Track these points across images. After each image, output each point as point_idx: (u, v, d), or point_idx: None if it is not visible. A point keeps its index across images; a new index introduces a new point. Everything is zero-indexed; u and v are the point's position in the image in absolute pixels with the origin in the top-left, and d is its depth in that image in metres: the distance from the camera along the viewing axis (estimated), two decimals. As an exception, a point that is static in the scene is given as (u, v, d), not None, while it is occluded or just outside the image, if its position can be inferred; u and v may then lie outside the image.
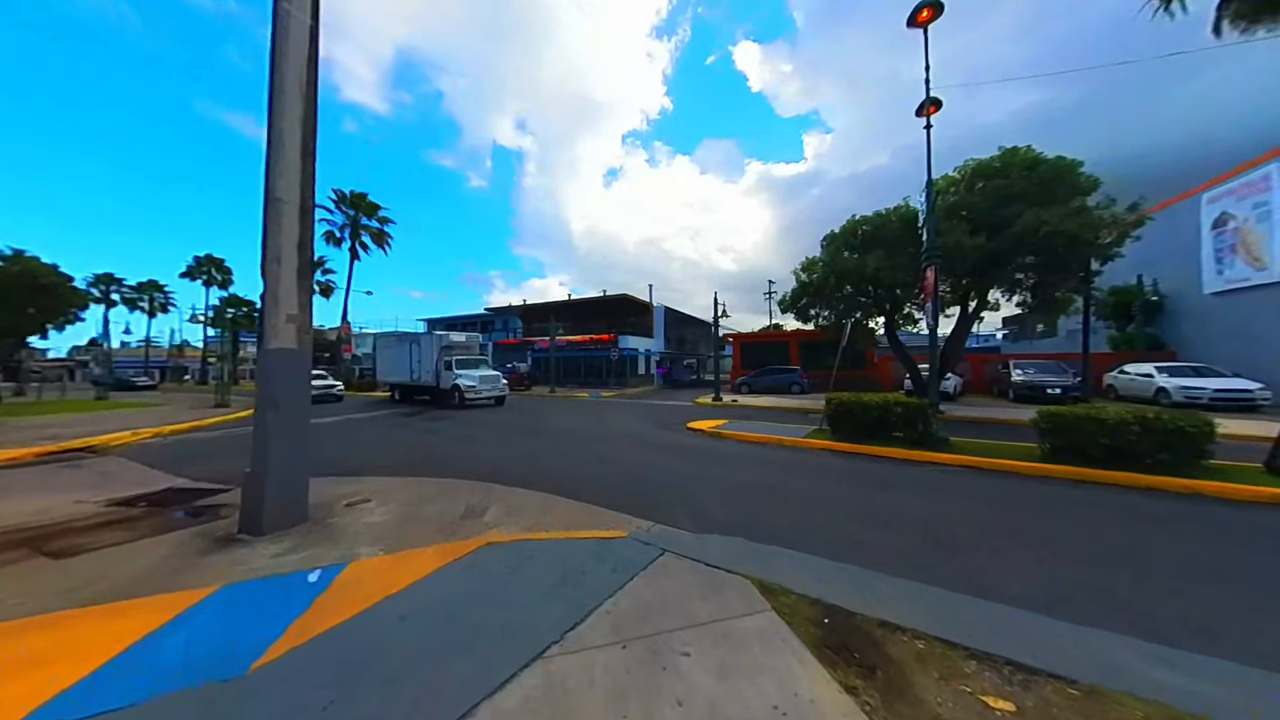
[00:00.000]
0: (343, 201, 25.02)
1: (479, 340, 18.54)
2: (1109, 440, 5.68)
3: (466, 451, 8.04)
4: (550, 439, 9.32)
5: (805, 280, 14.68)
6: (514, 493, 5.19)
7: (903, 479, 5.85)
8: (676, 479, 5.92)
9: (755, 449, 8.06)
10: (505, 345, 34.83)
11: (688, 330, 39.04)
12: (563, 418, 13.15)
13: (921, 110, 8.86)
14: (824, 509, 4.66)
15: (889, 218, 12.17)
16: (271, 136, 4.17)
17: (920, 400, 7.38)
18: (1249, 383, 12.20)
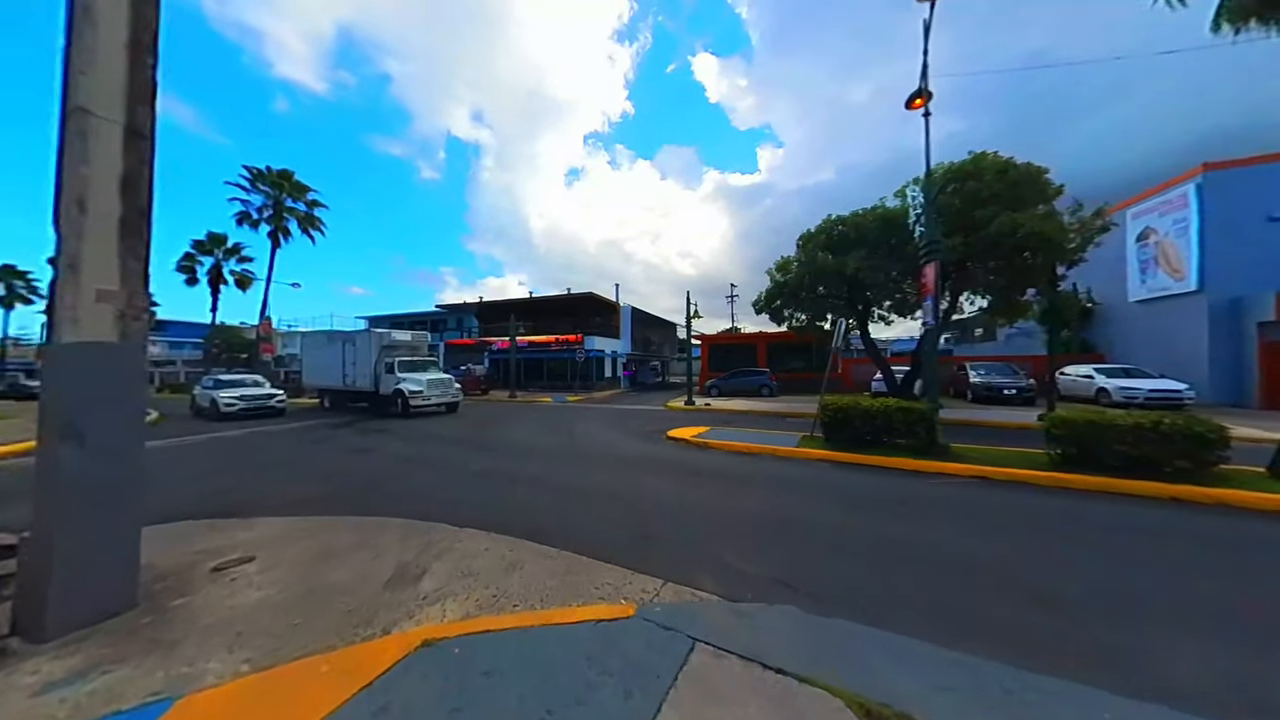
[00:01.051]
0: (261, 179, 21.64)
1: (427, 340, 16.51)
2: (1126, 448, 5.34)
3: (406, 475, 6.53)
4: (512, 455, 7.97)
5: (780, 280, 14.30)
6: (466, 538, 3.92)
7: (926, 499, 5.20)
8: (673, 507, 4.88)
9: (749, 463, 7.21)
10: (459, 346, 32.25)
11: (653, 332, 38.32)
12: (526, 427, 11.72)
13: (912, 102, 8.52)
14: (867, 550, 3.81)
15: (867, 218, 11.95)
16: (74, 8, 2.67)
17: (924, 405, 6.89)
18: (1177, 383, 13.19)
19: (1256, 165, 13.56)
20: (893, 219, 11.55)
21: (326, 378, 16.22)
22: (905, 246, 11.39)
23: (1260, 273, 13.16)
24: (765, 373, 20.95)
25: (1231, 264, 13.63)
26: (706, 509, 4.81)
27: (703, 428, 10.45)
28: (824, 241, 12.87)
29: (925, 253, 7.19)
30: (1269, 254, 13.16)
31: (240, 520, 4.52)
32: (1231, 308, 13.70)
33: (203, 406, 14.29)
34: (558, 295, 30.16)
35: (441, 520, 4.40)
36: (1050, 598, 2.89)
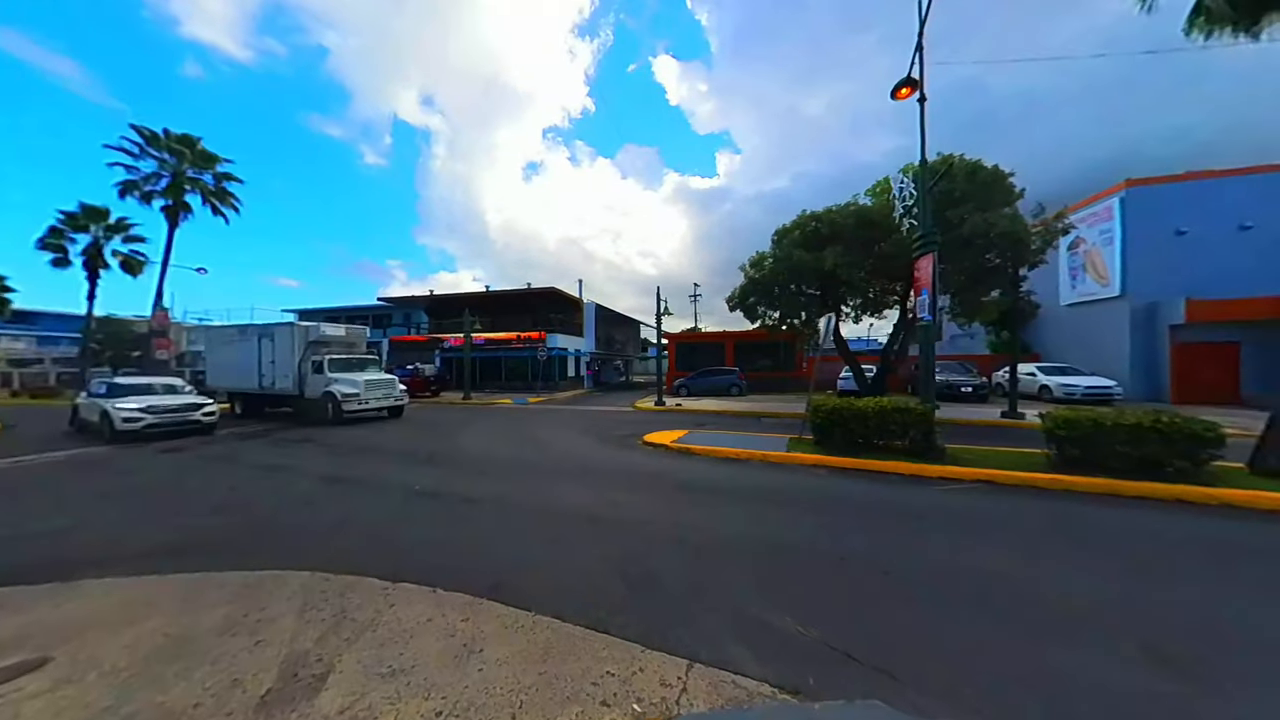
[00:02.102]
0: (154, 143, 18.05)
1: (366, 336, 14.45)
2: (1128, 449, 5.17)
3: (327, 502, 5.17)
4: (467, 470, 6.74)
5: (754, 276, 13.92)
6: (400, 600, 2.82)
7: (947, 510, 4.73)
8: (669, 535, 4.01)
9: (741, 472, 6.51)
10: (406, 343, 29.46)
11: (617, 330, 37.34)
12: (483, 434, 10.37)
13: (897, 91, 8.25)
14: (923, 587, 3.13)
15: (843, 213, 11.77)
16: None
17: (922, 406, 6.53)
18: (1108, 380, 14.30)
19: (1170, 184, 15.01)
20: (868, 216, 11.43)
21: (238, 379, 13.76)
22: (879, 244, 11.31)
23: (1172, 280, 14.57)
24: (735, 372, 20.69)
25: (1149, 272, 14.99)
26: (710, 535, 3.98)
27: (680, 431, 9.69)
28: (799, 238, 12.59)
29: (920, 245, 6.86)
30: (1179, 264, 14.59)
31: (56, 585, 3.11)
32: (1148, 311, 15.07)
33: (88, 421, 10.22)
34: (517, 290, 28.35)
35: (368, 569, 3.25)
36: (1180, 662, 2.32)
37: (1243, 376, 14.23)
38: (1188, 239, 14.58)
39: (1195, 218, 14.58)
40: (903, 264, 11.47)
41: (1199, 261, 14.41)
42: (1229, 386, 14.23)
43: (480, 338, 25.17)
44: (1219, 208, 14.42)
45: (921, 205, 7.14)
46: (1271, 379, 13.88)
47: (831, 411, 7.01)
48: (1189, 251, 14.52)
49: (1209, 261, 14.35)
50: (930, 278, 6.62)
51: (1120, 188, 15.32)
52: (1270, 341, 13.86)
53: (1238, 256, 14.15)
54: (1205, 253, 14.39)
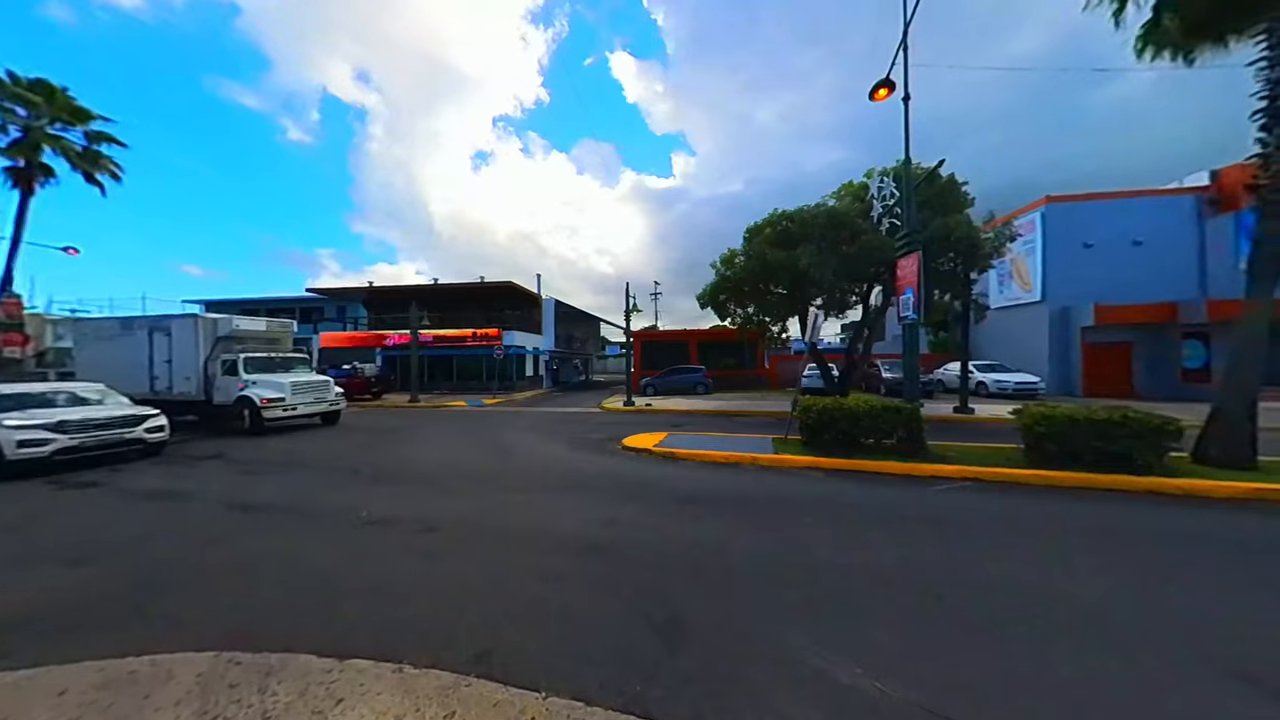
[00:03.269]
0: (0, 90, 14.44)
1: (293, 331, 12.45)
2: (1101, 443, 5.40)
3: (235, 543, 4.06)
4: (420, 486, 5.76)
5: (725, 274, 13.79)
6: (347, 687, 2.04)
7: (958, 511, 4.66)
8: (682, 558, 3.47)
9: (735, 478, 6.13)
10: (343, 339, 26.42)
11: (577, 328, 36.24)
12: (438, 442, 9.21)
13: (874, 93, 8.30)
14: (997, 615, 2.83)
15: (815, 213, 11.88)
16: None
17: (911, 405, 6.53)
18: (1033, 376, 15.85)
19: (1080, 201, 16.91)
20: (838, 217, 11.61)
21: (120, 382, 11.26)
22: (847, 245, 11.54)
23: (1082, 287, 16.43)
24: (701, 370, 20.63)
25: (1063, 279, 16.81)
26: (728, 558, 3.49)
27: (659, 434, 9.19)
28: (771, 236, 12.57)
29: (905, 244, 6.87)
30: (1087, 273, 16.49)
31: None
32: (1063, 315, 16.90)
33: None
34: (469, 284, 26.43)
35: (302, 640, 2.40)
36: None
37: (1135, 372, 16.39)
38: (1094, 251, 16.51)
39: (1099, 233, 16.54)
40: (869, 265, 11.83)
41: (1102, 271, 16.36)
42: (1125, 380, 16.32)
43: (428, 335, 23.13)
44: (1117, 225, 16.46)
45: (906, 204, 7.19)
46: (1156, 374, 16.10)
47: (823, 411, 6.84)
48: (1095, 262, 16.45)
49: (1110, 272, 16.33)
50: (916, 276, 6.64)
51: (1041, 203, 17.03)
52: (1156, 342, 16.06)
53: (1132, 268, 16.23)
54: (1107, 264, 16.36)
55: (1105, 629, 2.52)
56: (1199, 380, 15.50)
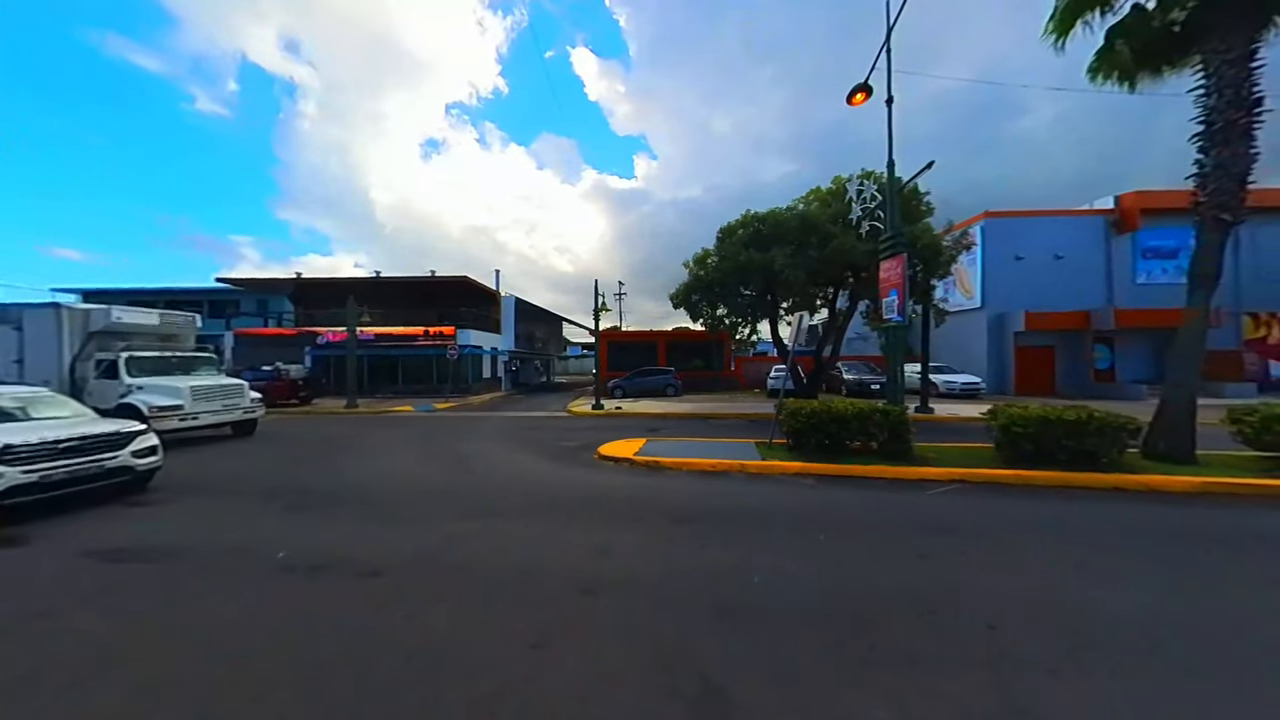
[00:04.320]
0: None
1: (195, 326, 10.51)
2: (1072, 443, 5.59)
3: (59, 617, 3.02)
4: (363, 517, 4.82)
5: (699, 274, 13.57)
6: None
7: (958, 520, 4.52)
8: (708, 609, 2.94)
9: (727, 489, 5.74)
10: (263, 337, 23.39)
11: (538, 327, 34.86)
12: (380, 455, 8.07)
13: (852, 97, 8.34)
14: (1042, 645, 2.56)
15: (788, 215, 11.92)
16: None
17: (898, 408, 6.49)
18: (976, 377, 17.09)
19: (1012, 217, 18.52)
20: (810, 220, 11.72)
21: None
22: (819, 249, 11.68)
23: (1014, 296, 17.98)
24: (670, 372, 20.34)
25: (999, 288, 18.32)
26: (751, 593, 3.02)
27: (636, 440, 8.65)
28: (744, 237, 12.50)
29: (889, 246, 6.85)
30: (1018, 283, 18.07)
31: None
32: (999, 321, 18.42)
33: None
34: (418, 278, 24.37)
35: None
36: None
37: (1056, 372, 18.18)
38: (1024, 263, 18.13)
39: (1028, 247, 18.19)
40: (839, 268, 12.06)
41: (1031, 282, 18.00)
42: (1049, 380, 18.06)
43: (370, 332, 21.00)
44: (1042, 240, 18.19)
45: (890, 207, 7.21)
46: (1073, 374, 17.96)
47: (811, 415, 6.65)
48: (1024, 273, 18.06)
49: (1036, 282, 18.00)
50: (901, 278, 6.63)
51: (981, 218, 18.46)
52: (1072, 346, 17.93)
53: (1054, 279, 17.99)
54: (1034, 275, 18.02)
55: (1209, 660, 2.32)
56: (1106, 380, 17.50)
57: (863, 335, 26.81)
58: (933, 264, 11.19)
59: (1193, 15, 6.10)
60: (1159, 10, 6.29)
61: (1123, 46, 6.46)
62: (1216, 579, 3.18)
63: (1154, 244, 17.85)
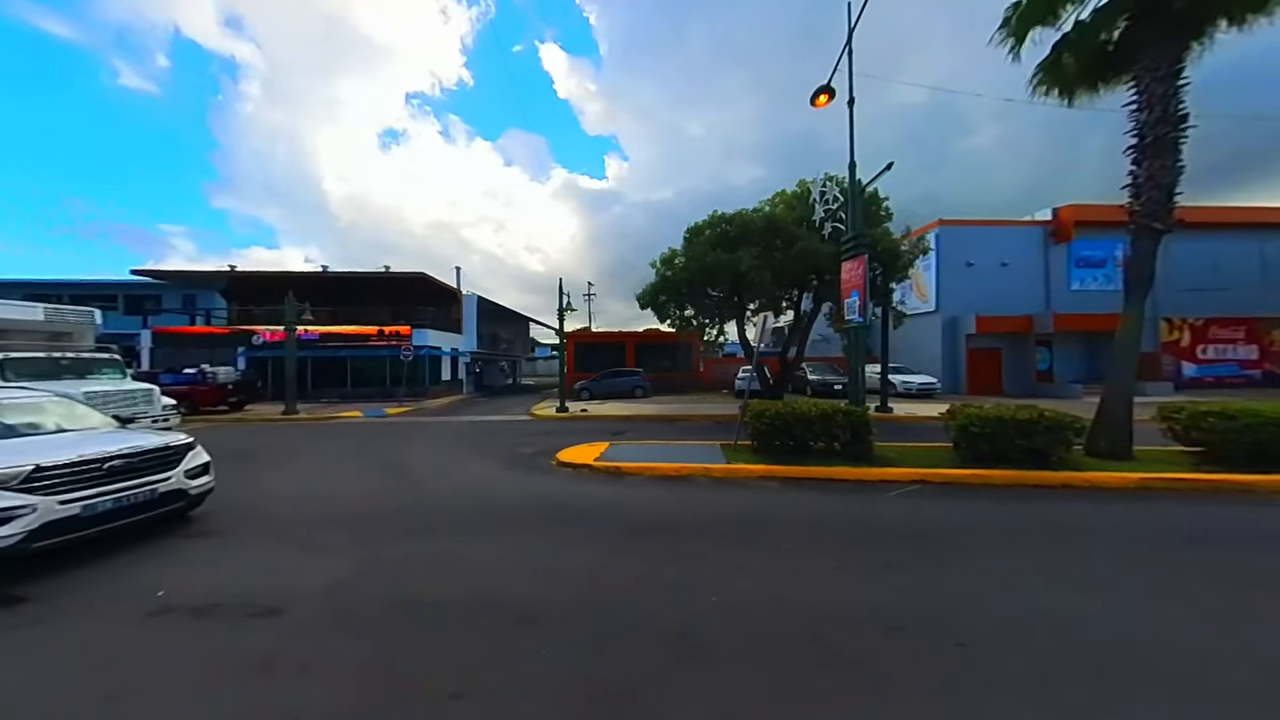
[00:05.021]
0: None
1: (95, 323, 9.16)
2: (1025, 442, 5.70)
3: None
4: (258, 544, 4.18)
5: (666, 275, 13.36)
6: None
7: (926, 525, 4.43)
8: (663, 639, 2.62)
9: (691, 494, 5.47)
10: (189, 336, 21.24)
11: (503, 327, 33.73)
12: (305, 468, 7.30)
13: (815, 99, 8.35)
14: (1019, 670, 2.38)
15: (754, 217, 11.91)
16: None
17: (860, 409, 6.45)
18: (931, 377, 17.81)
19: (963, 226, 19.50)
20: (775, 222, 11.75)
21: None
22: (784, 250, 11.73)
23: (966, 300, 18.92)
24: (638, 373, 20.07)
25: (952, 293, 19.22)
26: (712, 617, 2.72)
27: (599, 445, 8.27)
28: (711, 237, 12.40)
29: (851, 247, 6.84)
30: (969, 288, 19.02)
31: None
32: (952, 324, 19.32)
33: None
34: (372, 274, 22.93)
35: None
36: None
37: (1003, 373, 19.27)
38: (974, 269, 19.11)
39: (978, 254, 19.20)
40: (804, 270, 12.16)
41: (980, 287, 18.99)
42: (996, 381, 19.10)
43: (317, 331, 19.52)
44: (990, 248, 19.24)
45: (851, 208, 7.21)
46: (1017, 375, 19.08)
47: (776, 417, 6.50)
48: (975, 279, 19.04)
49: (986, 287, 19.01)
50: (862, 279, 6.62)
51: (935, 225, 19.32)
52: (1017, 348, 19.05)
53: (1001, 285, 19.06)
54: (983, 281, 19.03)
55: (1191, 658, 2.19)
56: (1046, 380, 18.69)
57: (826, 337, 27.54)
58: (892, 267, 11.48)
59: (1126, 33, 6.43)
60: (1096, 27, 6.59)
61: (1069, 59, 6.72)
62: (1182, 580, 3.17)
63: (1086, 253, 19.28)
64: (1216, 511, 4.58)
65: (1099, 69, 6.88)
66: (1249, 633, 2.48)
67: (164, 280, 23.25)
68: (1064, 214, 19.26)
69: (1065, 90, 7.23)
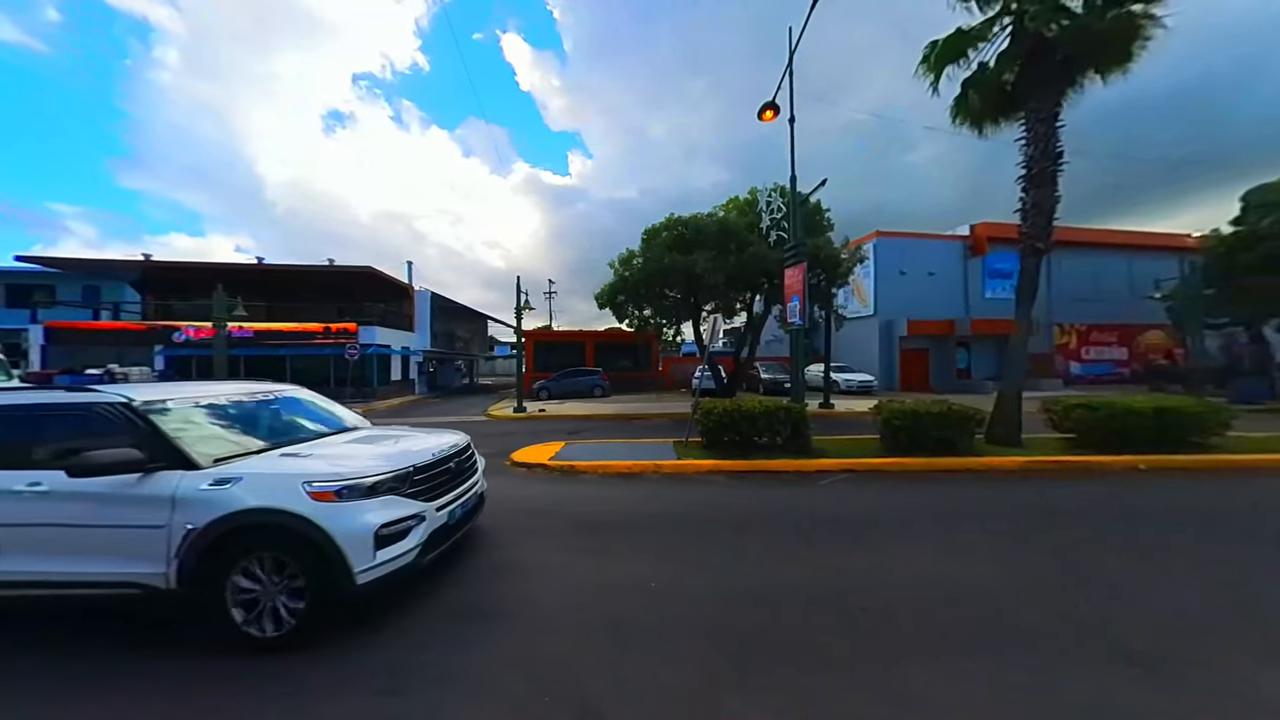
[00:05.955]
0: None
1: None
2: (938, 432, 6.46)
3: None
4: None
5: (624, 275, 13.58)
6: None
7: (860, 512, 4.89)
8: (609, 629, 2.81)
9: (641, 491, 5.71)
10: (92, 332, 18.70)
11: (459, 325, 32.48)
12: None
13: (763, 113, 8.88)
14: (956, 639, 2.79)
15: (709, 222, 12.39)
16: None
17: (799, 406, 6.98)
18: (869, 375, 19.33)
19: (898, 237, 21.30)
20: (728, 227, 12.31)
21: None
22: (737, 254, 12.32)
23: (899, 305, 20.69)
24: (598, 372, 20.10)
25: (888, 298, 20.95)
26: (657, 609, 2.94)
27: (554, 445, 8.33)
28: (668, 240, 12.76)
29: (792, 255, 7.38)
30: (902, 294, 20.83)
31: None
32: (888, 327, 21.06)
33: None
34: (314, 268, 21.30)
35: None
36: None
37: (930, 372, 21.27)
38: (906, 277, 20.95)
39: (909, 263, 21.06)
40: (756, 274, 12.82)
41: (912, 294, 20.85)
42: (924, 378, 21.05)
43: (252, 328, 17.90)
44: (920, 258, 21.18)
45: (792, 219, 7.75)
46: (942, 373, 21.15)
47: (723, 414, 6.89)
48: (907, 286, 20.88)
49: (916, 294, 20.90)
50: (802, 285, 7.16)
51: (873, 236, 20.97)
52: (941, 349, 21.11)
53: (929, 292, 21.04)
54: (915, 288, 20.91)
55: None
56: (965, 377, 20.88)
57: (779, 338, 28.96)
58: (833, 273, 12.39)
59: (1017, 78, 7.43)
60: (995, 71, 7.56)
61: (975, 97, 7.64)
62: (1049, 545, 3.80)
63: (997, 266, 21.72)
64: (1080, 487, 5.47)
65: (1000, 106, 7.87)
66: (1102, 592, 3.07)
67: (56, 268, 20.24)
68: (979, 230, 21.58)
69: (974, 123, 8.19)
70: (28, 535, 2.42)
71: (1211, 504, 4.80)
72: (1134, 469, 6.13)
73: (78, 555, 2.42)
